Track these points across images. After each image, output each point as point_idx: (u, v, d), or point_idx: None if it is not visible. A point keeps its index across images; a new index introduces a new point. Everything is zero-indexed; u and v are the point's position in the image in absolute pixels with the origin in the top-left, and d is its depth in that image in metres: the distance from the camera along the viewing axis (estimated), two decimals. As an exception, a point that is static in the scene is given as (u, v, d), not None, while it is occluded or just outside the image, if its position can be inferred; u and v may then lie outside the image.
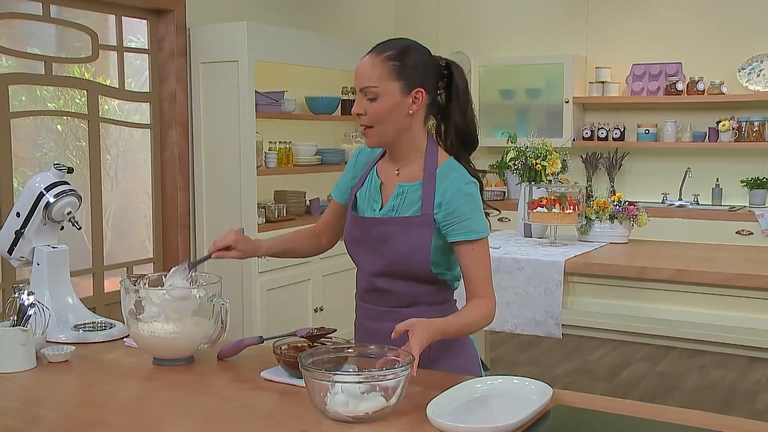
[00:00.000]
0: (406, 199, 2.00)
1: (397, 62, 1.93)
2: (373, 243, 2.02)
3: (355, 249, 2.09)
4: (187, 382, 1.93)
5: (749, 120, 5.91)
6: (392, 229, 1.99)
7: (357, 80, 1.96)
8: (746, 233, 5.56)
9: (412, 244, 1.96)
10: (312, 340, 2.02)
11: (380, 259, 2.01)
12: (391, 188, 2.05)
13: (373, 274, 2.04)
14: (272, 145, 5.17)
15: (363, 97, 1.95)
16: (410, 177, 2.02)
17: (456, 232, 1.95)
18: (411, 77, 1.94)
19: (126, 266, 4.84)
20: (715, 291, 3.29)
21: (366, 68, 1.94)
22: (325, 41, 5.46)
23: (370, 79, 1.93)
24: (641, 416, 1.70)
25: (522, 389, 1.81)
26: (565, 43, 6.54)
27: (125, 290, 2.06)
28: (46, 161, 4.57)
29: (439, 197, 1.96)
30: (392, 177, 2.05)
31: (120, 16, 4.73)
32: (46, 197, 2.33)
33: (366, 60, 1.95)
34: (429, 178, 1.98)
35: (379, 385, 1.65)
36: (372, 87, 1.92)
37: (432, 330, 1.81)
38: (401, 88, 1.93)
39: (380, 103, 1.93)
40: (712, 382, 5.01)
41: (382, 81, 1.92)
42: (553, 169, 4.01)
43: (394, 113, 1.95)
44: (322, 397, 1.66)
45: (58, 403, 1.79)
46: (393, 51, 1.94)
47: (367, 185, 2.09)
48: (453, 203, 1.94)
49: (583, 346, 5.75)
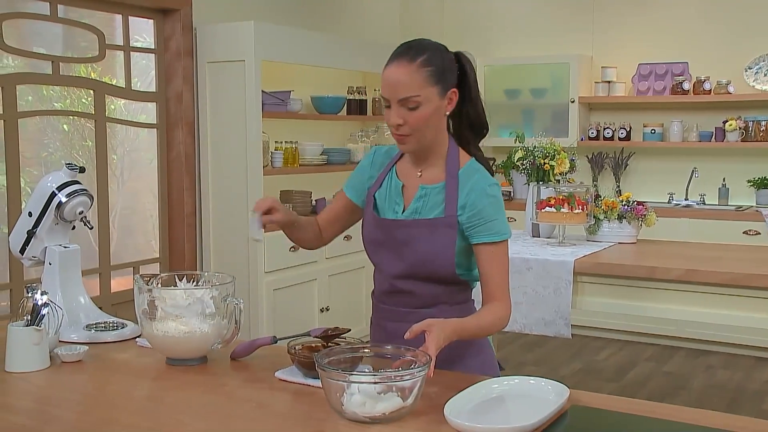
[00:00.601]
0: (429, 201, 1.99)
1: (431, 67, 1.89)
2: (396, 245, 2.00)
3: (376, 251, 2.07)
4: (201, 382, 1.92)
5: (756, 120, 5.90)
6: (416, 231, 1.98)
7: (392, 90, 1.89)
8: (753, 233, 5.55)
9: (436, 245, 1.96)
10: (326, 340, 2.02)
11: (403, 261, 2.00)
12: (413, 190, 2.03)
13: (394, 276, 2.02)
14: (278, 144, 5.17)
15: (400, 106, 1.89)
16: (432, 179, 2.01)
17: (479, 233, 1.95)
18: (445, 79, 1.92)
19: (132, 266, 4.84)
20: (724, 291, 3.28)
21: (403, 77, 1.87)
22: (331, 41, 5.45)
23: (411, 89, 1.87)
24: (658, 417, 1.70)
25: (538, 389, 1.80)
26: (571, 43, 6.54)
27: (139, 290, 2.05)
28: (53, 161, 4.58)
29: (462, 199, 1.96)
30: (414, 179, 2.04)
31: (126, 16, 4.72)
32: (58, 197, 2.33)
33: (400, 69, 1.88)
34: (452, 179, 1.97)
35: (396, 385, 1.65)
36: (414, 96, 1.87)
37: (448, 330, 1.81)
38: (439, 92, 1.90)
39: (422, 110, 1.89)
40: (719, 383, 5.00)
41: (423, 88, 1.88)
42: (561, 168, 4.01)
43: (434, 118, 1.93)
44: (338, 397, 1.65)
45: (73, 403, 1.79)
46: (424, 56, 1.89)
47: (386, 187, 2.07)
48: (477, 204, 1.94)
49: (589, 345, 5.74)
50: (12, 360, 1.98)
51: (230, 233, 4.92)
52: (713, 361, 5.42)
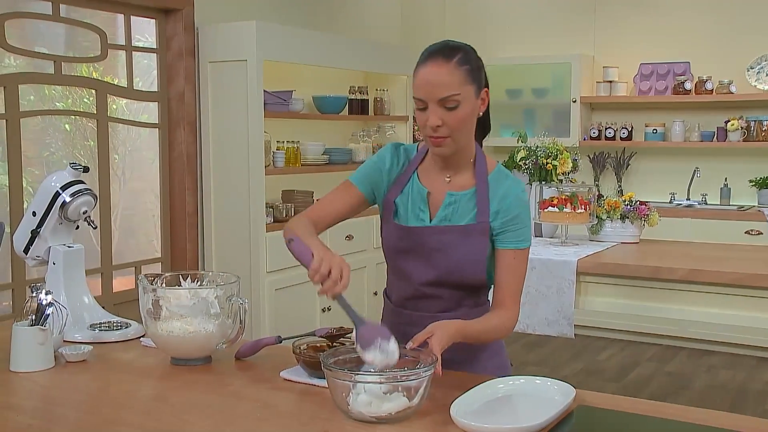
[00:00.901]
0: (459, 208, 1.95)
1: (467, 65, 1.86)
2: (427, 252, 1.95)
3: (402, 259, 2.00)
4: (207, 382, 1.92)
5: (758, 119, 5.90)
6: (448, 238, 1.93)
7: (430, 90, 1.83)
8: (755, 233, 5.55)
9: (469, 252, 1.92)
10: (331, 340, 2.01)
11: (434, 269, 1.95)
12: (439, 197, 1.98)
13: (423, 284, 1.98)
14: (280, 144, 5.16)
15: (439, 107, 1.83)
16: (462, 185, 1.97)
17: (508, 239, 1.93)
18: (479, 79, 1.89)
19: (134, 266, 4.84)
20: (728, 291, 3.28)
21: (443, 76, 1.82)
22: (333, 40, 5.45)
23: (451, 88, 1.82)
24: (665, 417, 1.69)
25: (544, 389, 1.80)
26: (573, 43, 6.54)
27: (143, 290, 2.05)
28: (54, 161, 4.57)
29: (495, 205, 1.93)
30: (441, 185, 1.98)
31: (129, 16, 4.72)
32: (62, 196, 2.33)
33: (438, 68, 1.83)
34: (482, 184, 1.94)
35: (402, 385, 1.64)
36: (454, 95, 1.82)
37: (452, 330, 1.80)
38: (475, 91, 1.87)
39: (461, 110, 1.84)
40: (721, 383, 5.00)
41: (462, 87, 1.84)
42: (564, 168, 4.01)
43: (470, 119, 1.89)
44: (344, 397, 1.65)
45: (79, 403, 1.79)
46: (459, 54, 1.86)
47: (408, 193, 2.00)
48: (512, 210, 1.92)
49: (591, 346, 5.73)
50: (17, 359, 1.98)
51: (232, 233, 4.91)
52: (715, 362, 5.41)
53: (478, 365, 2.00)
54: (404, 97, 6.13)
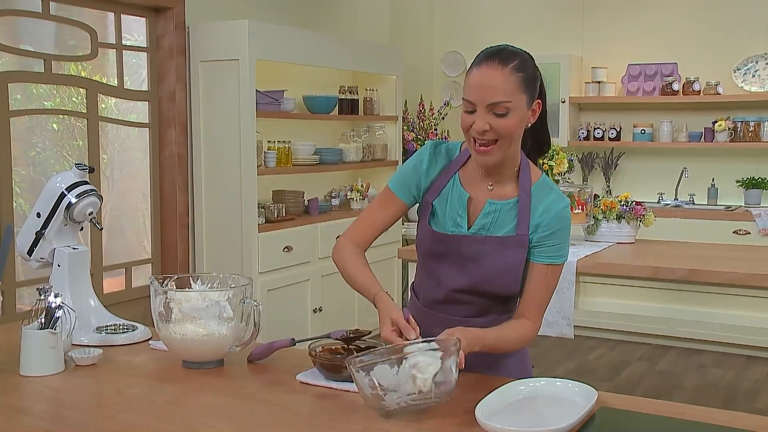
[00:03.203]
0: (499, 218, 1.91)
1: (523, 73, 1.80)
2: (462, 260, 1.92)
3: (435, 262, 1.97)
4: (222, 386, 1.89)
5: (744, 120, 5.95)
6: (485, 248, 1.90)
7: (482, 94, 1.78)
8: (743, 233, 5.59)
9: (505, 264, 1.89)
10: (347, 342, 1.99)
11: (467, 277, 1.92)
12: (479, 204, 1.93)
13: (454, 290, 1.95)
14: (271, 144, 5.13)
15: (488, 113, 1.78)
16: (503, 195, 1.92)
17: (544, 254, 1.90)
18: (533, 89, 1.83)
19: (124, 267, 4.79)
20: (728, 291, 3.29)
21: (497, 81, 1.77)
22: (325, 40, 5.42)
23: (503, 94, 1.77)
24: (687, 418, 1.69)
25: (566, 391, 1.79)
26: (561, 43, 6.56)
27: (154, 292, 2.02)
28: (40, 160, 4.51)
29: (536, 218, 1.89)
30: (483, 192, 1.93)
31: (119, 14, 4.66)
32: (67, 197, 2.29)
33: (492, 72, 1.78)
34: (525, 196, 1.89)
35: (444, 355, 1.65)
36: (505, 102, 1.77)
37: (470, 337, 1.78)
38: (527, 101, 1.82)
39: (510, 118, 1.79)
40: (712, 382, 5.03)
41: (515, 95, 1.78)
42: (560, 168, 4.01)
43: (519, 129, 1.83)
44: (376, 393, 1.64)
45: (95, 407, 1.75)
46: (516, 61, 1.80)
47: (447, 196, 1.95)
48: (553, 226, 1.88)
49: (581, 345, 5.75)
50: (28, 363, 1.94)
51: (223, 234, 4.88)
52: (704, 360, 5.45)
53: (503, 371, 1.99)
54: (393, 97, 6.12)
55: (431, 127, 6.46)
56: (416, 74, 6.53)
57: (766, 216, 5.56)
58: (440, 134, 6.50)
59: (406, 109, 6.43)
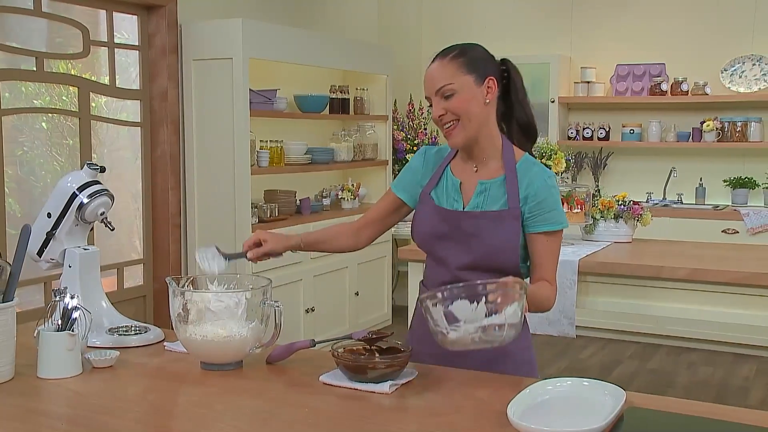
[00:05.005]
0: (490, 194, 2.05)
1: (462, 58, 2.00)
2: (465, 237, 2.04)
3: (440, 243, 2.09)
4: (246, 388, 1.87)
5: (732, 120, 6.00)
6: (484, 223, 2.03)
7: (429, 86, 2.01)
8: (732, 231, 5.64)
9: (503, 237, 2.01)
10: (369, 343, 1.98)
11: (470, 253, 2.04)
12: (471, 186, 2.08)
13: (459, 268, 2.06)
14: (263, 143, 5.10)
15: (440, 99, 1.99)
16: (490, 174, 2.07)
17: (540, 223, 2.01)
18: (479, 68, 2.00)
19: (116, 267, 4.74)
20: (734, 290, 3.31)
21: (436, 71, 2.00)
22: (316, 39, 5.40)
23: (444, 79, 1.98)
24: (717, 417, 1.70)
25: (594, 391, 1.79)
26: (550, 43, 6.57)
27: (173, 293, 1.99)
28: (28, 159, 4.45)
29: (523, 191, 2.02)
30: (471, 175, 2.10)
31: (111, 12, 4.61)
32: (79, 197, 2.25)
33: (434, 66, 2.02)
34: (511, 173, 2.04)
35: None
36: (448, 85, 1.98)
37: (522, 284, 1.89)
38: (475, 79, 1.99)
39: (458, 97, 1.98)
40: (702, 379, 5.07)
41: (456, 77, 1.98)
42: (558, 168, 4.02)
43: (473, 105, 1.99)
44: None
45: (123, 411, 1.72)
46: (456, 51, 2.02)
47: (443, 185, 2.12)
48: (540, 195, 2.01)
49: (573, 344, 5.77)
50: (46, 366, 1.90)
51: (216, 234, 4.84)
52: (694, 358, 5.49)
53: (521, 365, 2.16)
54: (384, 97, 6.11)
55: (421, 126, 6.46)
56: (406, 74, 6.52)
57: (754, 215, 5.61)
58: (430, 134, 6.50)
59: (396, 108, 6.42)
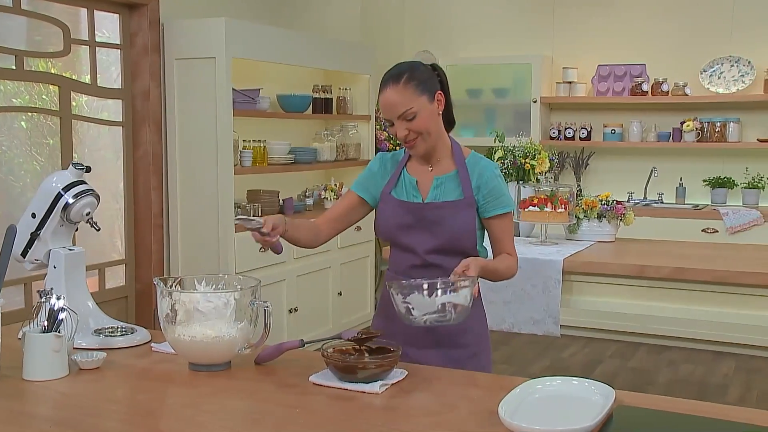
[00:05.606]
0: (446, 187, 2.32)
1: (414, 81, 2.21)
2: (428, 225, 2.30)
3: (406, 232, 2.32)
4: (235, 388, 1.86)
5: (711, 121, 6.05)
6: (444, 212, 2.29)
7: (391, 111, 2.21)
8: (711, 231, 5.69)
9: (463, 223, 2.28)
10: (359, 343, 1.98)
11: (435, 239, 2.29)
12: (427, 183, 2.35)
13: (426, 252, 2.30)
14: (246, 143, 5.08)
15: (402, 122, 2.21)
16: (443, 170, 2.34)
17: (494, 207, 2.29)
18: (430, 87, 2.24)
19: (98, 268, 4.70)
20: (715, 289, 3.34)
21: (395, 98, 2.20)
22: (300, 39, 5.38)
23: (404, 105, 2.20)
24: (704, 415, 1.71)
25: (583, 390, 1.81)
26: (532, 44, 6.60)
27: (161, 293, 1.98)
28: (6, 159, 4.40)
29: (475, 181, 2.30)
30: (426, 174, 2.36)
31: (92, 10, 4.57)
32: (64, 198, 2.24)
33: (391, 92, 2.20)
34: (462, 167, 2.32)
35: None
36: (409, 110, 2.20)
37: (481, 263, 2.16)
38: (428, 98, 2.24)
39: (420, 118, 2.22)
40: (683, 377, 5.11)
41: (414, 100, 2.20)
42: (542, 168, 4.04)
43: (431, 121, 2.25)
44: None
45: (112, 412, 1.71)
46: (405, 75, 2.21)
47: (401, 184, 2.37)
48: (490, 183, 2.30)
49: (554, 343, 5.80)
50: (32, 368, 1.89)
51: (199, 234, 4.81)
52: (674, 357, 5.53)
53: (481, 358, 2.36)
54: (366, 97, 6.10)
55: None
56: (388, 74, 6.51)
57: (733, 215, 5.67)
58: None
59: (379, 108, 6.41)
